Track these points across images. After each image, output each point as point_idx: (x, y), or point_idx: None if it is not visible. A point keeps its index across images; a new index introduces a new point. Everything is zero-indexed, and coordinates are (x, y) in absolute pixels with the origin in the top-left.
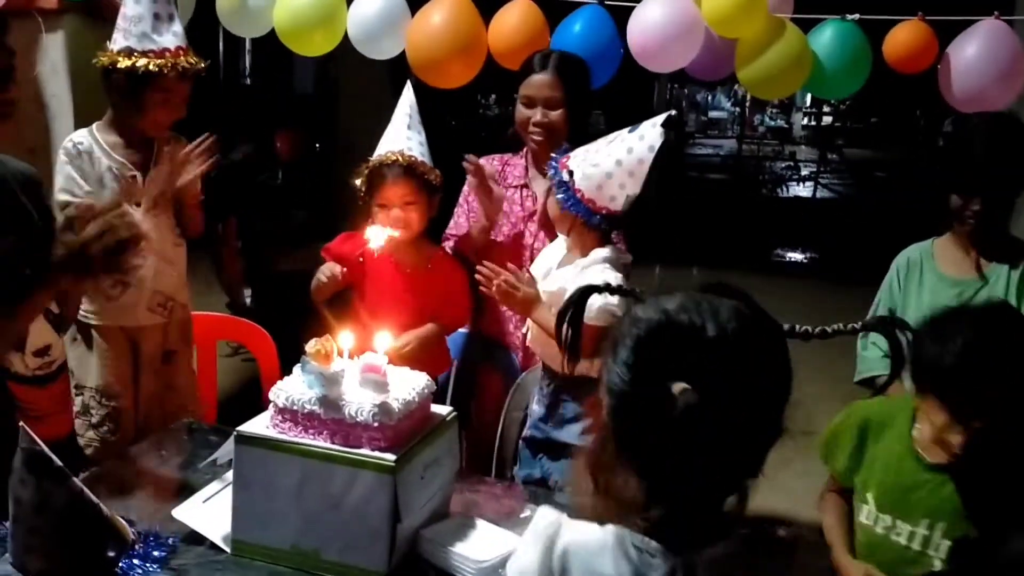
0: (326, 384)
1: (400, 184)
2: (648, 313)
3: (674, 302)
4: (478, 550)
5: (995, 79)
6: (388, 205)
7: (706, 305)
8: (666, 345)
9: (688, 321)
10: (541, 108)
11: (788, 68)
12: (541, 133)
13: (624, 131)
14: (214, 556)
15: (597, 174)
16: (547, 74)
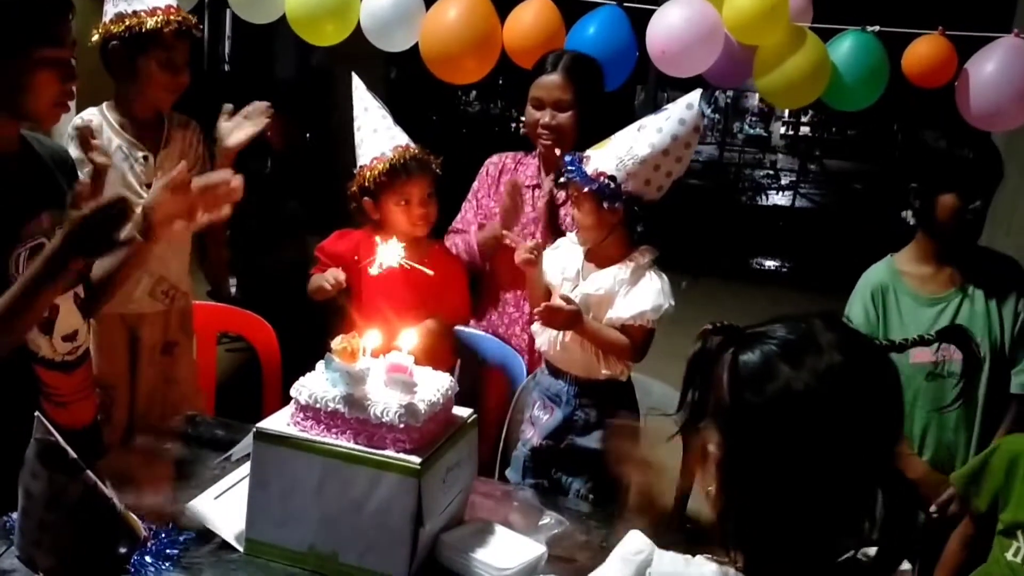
0: (351, 382)
1: (423, 179)
2: (753, 358)
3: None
4: (500, 557)
5: (1012, 97)
6: (412, 201)
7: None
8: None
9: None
10: (550, 110)
11: (807, 77)
12: (549, 135)
13: (652, 117)
14: (228, 555)
15: (639, 166)
16: (557, 75)
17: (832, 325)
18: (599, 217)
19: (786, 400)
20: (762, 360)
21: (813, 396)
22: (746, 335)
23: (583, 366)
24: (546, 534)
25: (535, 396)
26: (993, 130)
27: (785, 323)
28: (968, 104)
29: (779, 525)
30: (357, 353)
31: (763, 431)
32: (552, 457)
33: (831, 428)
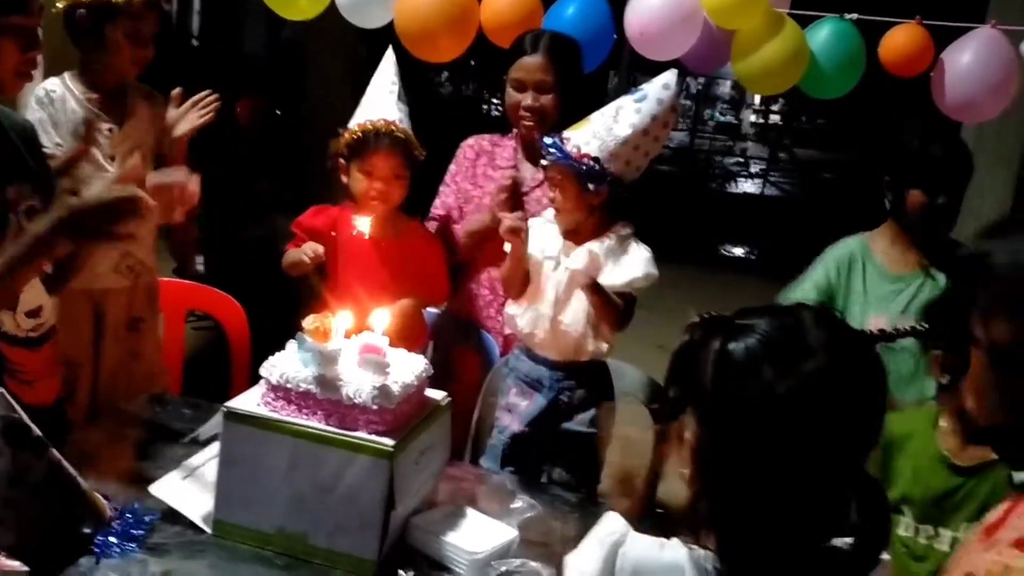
0: (323, 363)
1: (390, 156)
2: (739, 351)
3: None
4: (471, 541)
5: (988, 88)
6: (374, 174)
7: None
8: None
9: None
10: (532, 92)
11: (785, 63)
12: (531, 118)
13: (627, 98)
14: (195, 536)
15: (621, 147)
16: (538, 56)
17: (822, 322)
18: (581, 199)
19: (767, 400)
20: (747, 356)
21: (795, 398)
22: (733, 327)
23: (570, 347)
24: (518, 518)
25: (510, 382)
26: (967, 121)
27: (774, 316)
28: (943, 94)
29: (752, 514)
30: (330, 333)
31: (741, 426)
32: (534, 444)
33: (810, 428)
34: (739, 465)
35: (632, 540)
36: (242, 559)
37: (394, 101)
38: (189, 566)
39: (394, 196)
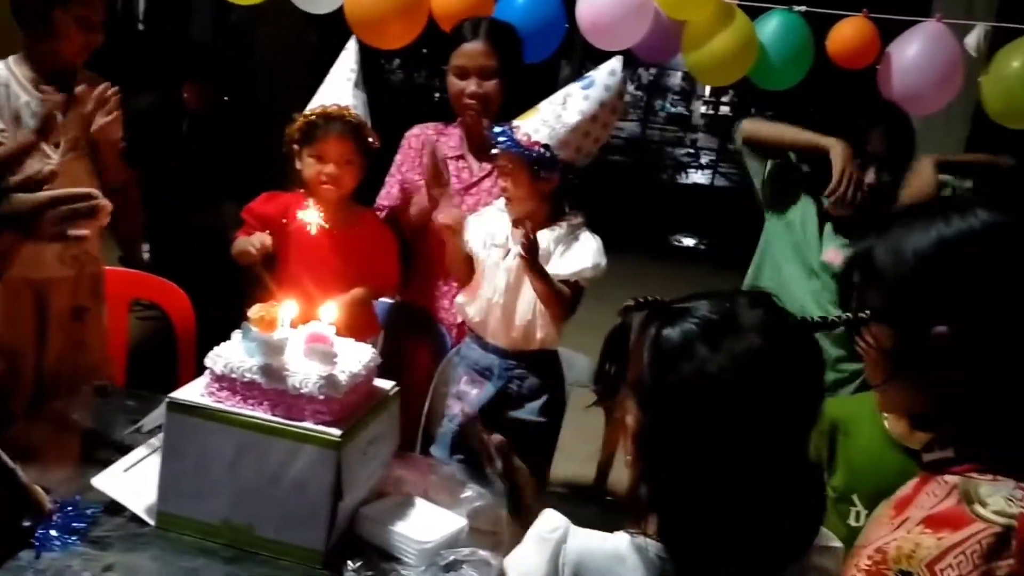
0: (268, 352)
1: (341, 141)
2: (674, 335)
3: (693, 320)
4: (420, 530)
5: (933, 81)
6: (322, 158)
7: (730, 322)
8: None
9: (715, 344)
10: (475, 78)
11: (735, 54)
12: (475, 105)
13: (575, 85)
14: (138, 529)
15: (570, 134)
16: (479, 42)
17: (756, 304)
18: (533, 187)
19: (700, 380)
20: (682, 338)
21: (728, 378)
22: (670, 311)
23: (520, 335)
24: (467, 507)
25: (461, 371)
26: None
27: (710, 300)
28: (889, 86)
29: (691, 497)
30: (275, 322)
31: (677, 408)
32: None
33: (745, 409)
34: (678, 448)
35: (574, 534)
36: (186, 551)
37: (350, 88)
38: (132, 559)
39: (345, 182)
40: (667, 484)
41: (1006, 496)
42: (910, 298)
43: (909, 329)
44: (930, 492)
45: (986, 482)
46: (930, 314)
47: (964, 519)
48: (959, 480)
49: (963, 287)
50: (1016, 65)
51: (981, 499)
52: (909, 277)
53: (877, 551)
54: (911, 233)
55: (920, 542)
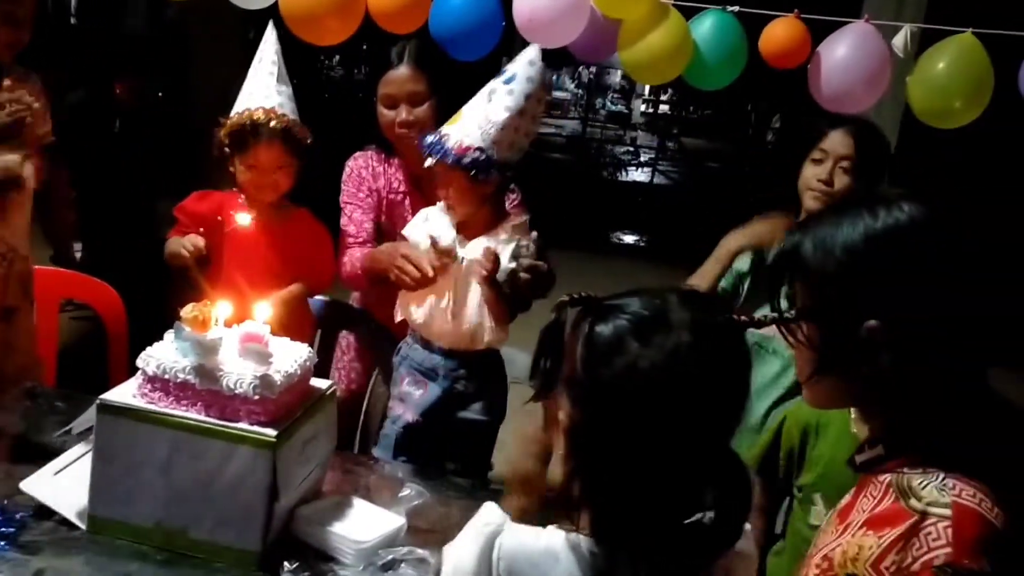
0: (202, 352)
1: (272, 147)
2: (606, 331)
3: (625, 317)
4: (357, 530)
5: (862, 81)
6: (257, 167)
7: (661, 319)
8: (619, 363)
9: (646, 340)
10: (405, 106)
11: (670, 54)
12: (410, 133)
13: (496, 81)
14: (69, 533)
15: (501, 132)
16: (405, 68)
17: (687, 302)
18: (472, 192)
19: (631, 376)
20: (614, 334)
21: (657, 374)
22: (602, 307)
23: (466, 337)
24: (406, 506)
25: (403, 371)
26: (843, 112)
27: (642, 297)
28: (820, 86)
29: (622, 492)
30: (209, 322)
31: (608, 403)
32: (428, 434)
33: (674, 404)
34: (609, 443)
35: (509, 529)
36: (119, 555)
37: (274, 84)
38: (63, 564)
39: (280, 186)
40: (598, 479)
41: (937, 487)
42: (839, 293)
43: (838, 323)
44: (868, 495)
45: (917, 475)
46: (859, 308)
47: (902, 514)
48: (892, 477)
49: (892, 280)
50: (941, 66)
51: (915, 492)
52: (838, 272)
53: (824, 559)
54: (839, 228)
55: (863, 544)
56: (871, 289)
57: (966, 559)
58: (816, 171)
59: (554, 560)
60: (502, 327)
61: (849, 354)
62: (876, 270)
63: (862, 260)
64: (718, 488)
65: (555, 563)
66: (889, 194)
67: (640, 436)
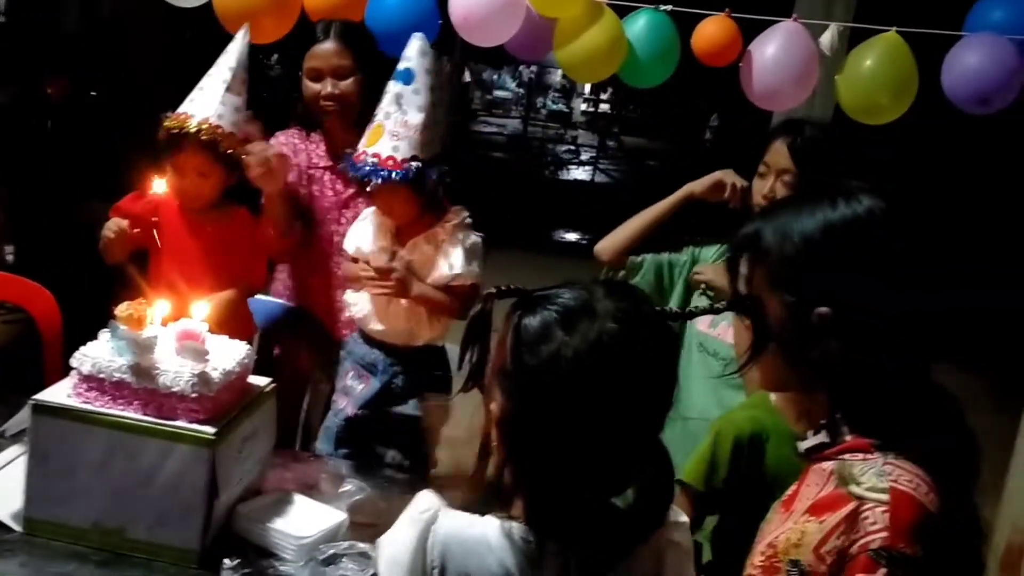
0: (138, 351)
1: (195, 156)
2: (534, 322)
3: (552, 307)
4: (298, 526)
5: (791, 79)
6: (180, 171)
7: (586, 308)
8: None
9: (571, 329)
10: (330, 79)
11: (604, 52)
12: (333, 106)
13: (397, 84)
14: (3, 535)
15: (423, 133)
16: (331, 42)
17: (613, 293)
18: (414, 200)
19: (557, 364)
20: (541, 324)
21: (582, 361)
22: (532, 299)
23: (404, 334)
24: (347, 501)
25: (348, 366)
26: (774, 109)
27: (570, 289)
28: (751, 84)
29: (552, 480)
30: (144, 320)
31: (536, 392)
32: (368, 427)
33: (598, 392)
34: (538, 432)
35: (444, 516)
36: (56, 556)
37: (220, 94)
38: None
39: (203, 193)
40: (529, 467)
41: (877, 472)
42: (793, 278)
43: (790, 308)
44: (811, 483)
45: (858, 462)
46: (812, 295)
47: (842, 500)
48: (834, 464)
49: (844, 270)
50: (868, 64)
51: (855, 478)
52: (794, 258)
53: (768, 546)
54: (798, 217)
55: (805, 529)
56: (824, 277)
57: (901, 543)
58: (759, 185)
59: (487, 548)
60: (440, 323)
61: (799, 339)
62: (830, 259)
63: (817, 248)
64: (642, 474)
65: (488, 551)
66: (851, 186)
67: (567, 424)
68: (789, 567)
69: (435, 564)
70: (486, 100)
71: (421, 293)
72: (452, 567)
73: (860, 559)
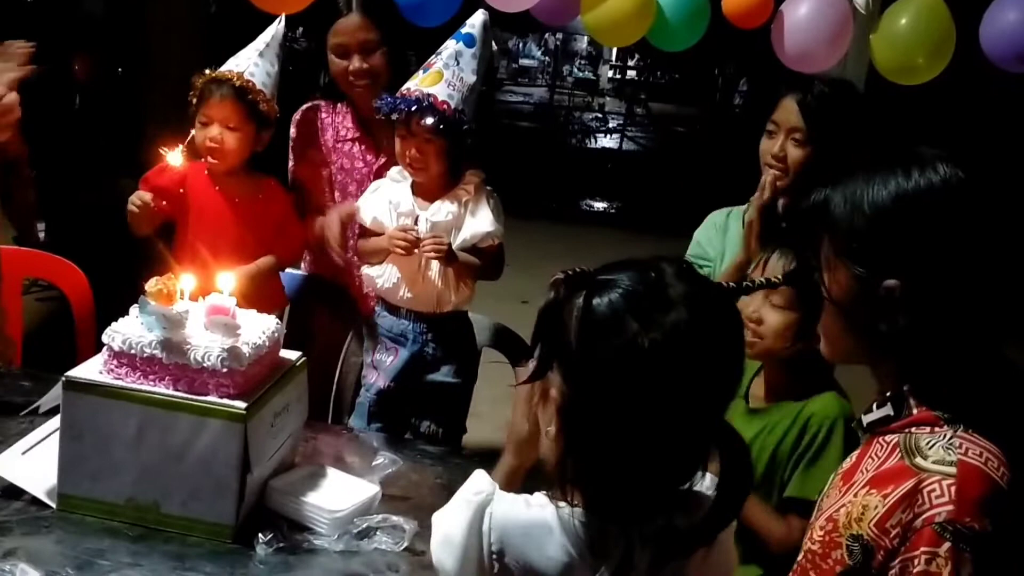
0: (168, 326)
1: (224, 104)
2: (603, 308)
3: (620, 292)
4: (331, 499)
5: (824, 39)
6: (208, 123)
7: (658, 294)
8: (617, 342)
9: (645, 318)
10: (357, 55)
11: (632, 15)
12: (364, 81)
13: (458, 44)
14: (39, 512)
15: (471, 94)
16: (355, 16)
17: (682, 275)
18: (446, 154)
19: (631, 354)
20: (610, 311)
21: (658, 351)
22: (596, 282)
23: (432, 299)
24: (380, 474)
25: (375, 339)
26: (805, 71)
27: (634, 270)
28: (783, 45)
29: (617, 468)
30: (174, 295)
31: (606, 382)
32: (402, 399)
33: (673, 380)
34: (605, 420)
35: (499, 499)
36: (91, 532)
37: (255, 56)
38: (34, 543)
39: (228, 146)
40: (593, 454)
41: (944, 446)
42: (863, 249)
43: (859, 279)
44: (873, 455)
45: (925, 434)
46: (882, 266)
47: (906, 473)
48: (899, 437)
49: (915, 242)
50: (904, 22)
51: (921, 451)
52: (864, 229)
53: (828, 520)
54: (870, 185)
55: (867, 503)
56: (894, 249)
57: (967, 517)
58: (768, 145)
59: (547, 533)
60: (467, 286)
61: (867, 310)
62: (901, 231)
63: (888, 219)
64: (721, 462)
65: (548, 536)
66: (926, 153)
67: (637, 412)
68: (850, 542)
69: (494, 549)
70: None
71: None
72: (511, 551)
73: (924, 532)
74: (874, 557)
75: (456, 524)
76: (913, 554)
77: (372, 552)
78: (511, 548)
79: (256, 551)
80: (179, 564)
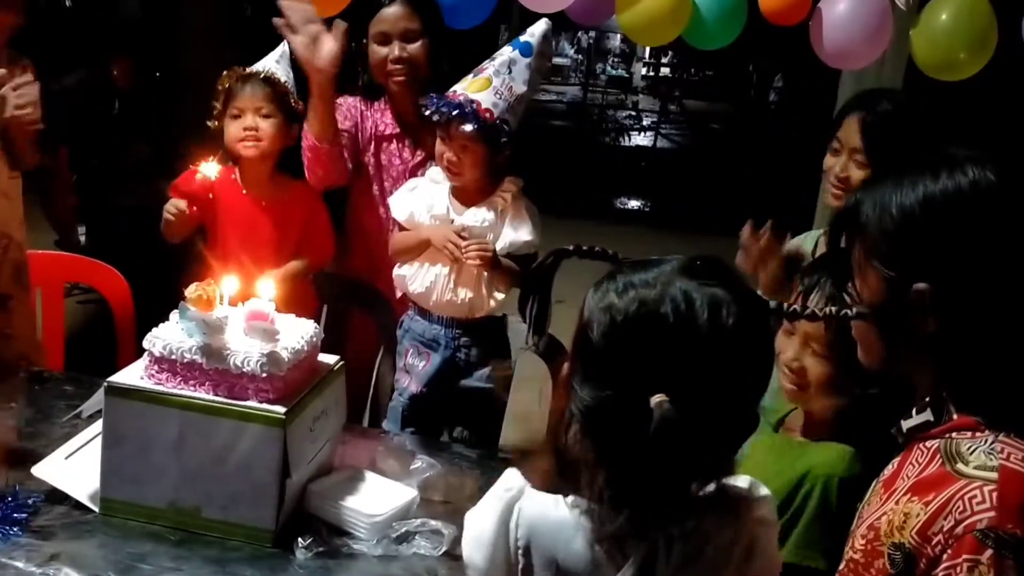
0: (208, 332)
1: (256, 94)
2: (632, 308)
3: (653, 291)
4: (370, 504)
5: (863, 35)
6: (240, 114)
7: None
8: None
9: (670, 316)
10: (398, 43)
11: (668, 14)
12: (402, 71)
13: (514, 53)
14: (82, 516)
15: (518, 104)
16: (398, 5)
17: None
18: (486, 161)
19: (659, 356)
20: (643, 312)
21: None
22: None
23: (466, 305)
24: (418, 478)
25: (406, 343)
26: (846, 68)
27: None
28: (821, 42)
29: (643, 466)
30: (214, 301)
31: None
32: (434, 404)
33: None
34: (632, 422)
35: (528, 496)
36: (133, 536)
37: (275, 58)
38: (77, 547)
39: (264, 132)
40: (620, 454)
41: (986, 451)
42: (892, 253)
43: (889, 283)
44: (914, 461)
45: (966, 439)
46: (911, 270)
47: (948, 479)
48: (940, 443)
49: (944, 245)
50: (944, 17)
51: (963, 457)
52: (892, 232)
53: (869, 528)
54: (898, 189)
55: (909, 511)
56: (923, 252)
57: (1009, 524)
58: (832, 163)
59: (573, 529)
60: (503, 290)
61: (899, 314)
62: (929, 233)
63: (916, 222)
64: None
65: (574, 533)
66: (957, 155)
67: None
68: (892, 551)
69: (520, 544)
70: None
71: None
72: (537, 547)
73: (966, 539)
74: (917, 566)
75: (486, 520)
76: (955, 562)
77: (411, 556)
78: (537, 543)
79: (296, 555)
80: (220, 568)
